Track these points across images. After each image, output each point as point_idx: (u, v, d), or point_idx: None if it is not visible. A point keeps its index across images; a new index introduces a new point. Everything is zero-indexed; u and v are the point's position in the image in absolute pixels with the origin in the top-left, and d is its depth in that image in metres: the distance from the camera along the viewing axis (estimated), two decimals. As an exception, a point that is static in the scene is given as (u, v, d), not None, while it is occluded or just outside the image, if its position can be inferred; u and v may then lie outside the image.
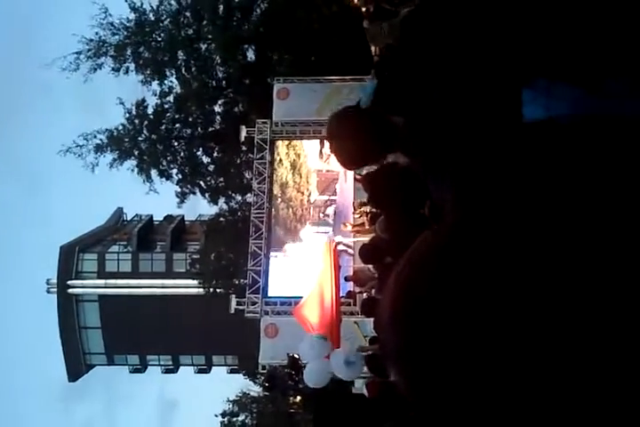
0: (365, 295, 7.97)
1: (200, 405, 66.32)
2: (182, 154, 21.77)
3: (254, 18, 19.76)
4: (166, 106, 21.53)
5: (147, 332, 29.21)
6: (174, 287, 29.24)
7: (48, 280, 31.78)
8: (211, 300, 22.36)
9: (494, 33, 1.86)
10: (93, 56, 20.55)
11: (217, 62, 20.60)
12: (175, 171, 21.84)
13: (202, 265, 22.58)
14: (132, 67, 20.69)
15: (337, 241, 12.67)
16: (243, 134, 17.56)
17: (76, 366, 31.64)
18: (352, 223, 14.48)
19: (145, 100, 21.55)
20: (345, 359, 7.63)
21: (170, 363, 32.39)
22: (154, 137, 21.33)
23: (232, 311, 17.09)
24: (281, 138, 17.50)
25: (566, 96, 1.74)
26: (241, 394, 25.40)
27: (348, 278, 10.97)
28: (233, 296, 17.49)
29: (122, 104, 21.24)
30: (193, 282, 24.87)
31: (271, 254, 17.02)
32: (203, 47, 20.62)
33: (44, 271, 32.52)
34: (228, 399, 25.50)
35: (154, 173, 21.49)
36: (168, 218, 32.81)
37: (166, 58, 20.47)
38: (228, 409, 25.59)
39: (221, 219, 22.01)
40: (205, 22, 20.01)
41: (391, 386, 5.64)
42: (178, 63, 20.74)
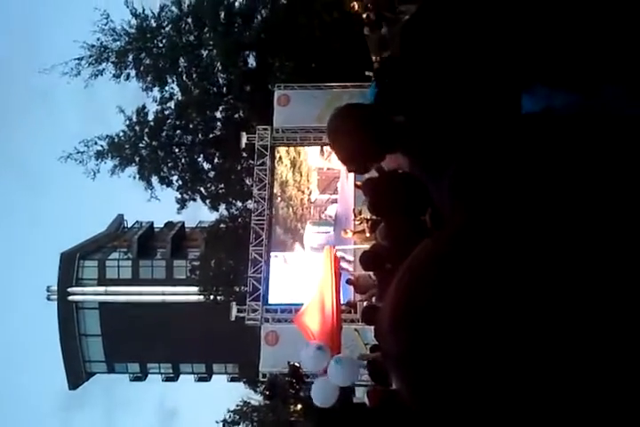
0: (366, 303, 7.92)
1: (200, 413, 66.13)
2: (183, 160, 21.79)
3: (255, 24, 19.80)
4: (167, 112, 21.57)
5: (147, 339, 29.13)
6: (175, 295, 29.18)
7: (48, 287, 31.77)
8: (211, 307, 22.31)
9: (494, 39, 1.87)
10: (95, 62, 20.61)
11: (218, 69, 20.64)
12: (176, 177, 21.86)
13: (202, 272, 22.54)
14: (133, 73, 20.75)
15: (337, 249, 12.66)
16: (243, 141, 17.58)
17: (77, 373, 31.56)
18: (352, 230, 14.44)
19: (145, 106, 21.61)
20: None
21: (170, 371, 32.29)
22: (154, 144, 21.35)
23: (233, 319, 17.05)
24: (281, 144, 17.51)
25: (565, 102, 1.72)
26: (241, 403, 25.27)
27: (350, 282, 10.93)
28: (233, 304, 17.45)
29: (122, 112, 21.30)
30: (193, 289, 24.83)
31: (271, 255, 16.95)
32: (204, 54, 20.67)
33: (45, 278, 32.58)
34: (229, 409, 25.37)
35: (154, 180, 21.52)
36: (168, 225, 32.80)
37: (167, 64, 20.51)
38: (229, 417, 25.45)
39: (222, 225, 21.99)
40: (207, 29, 20.06)
41: (393, 394, 5.60)
42: (179, 70, 20.79)
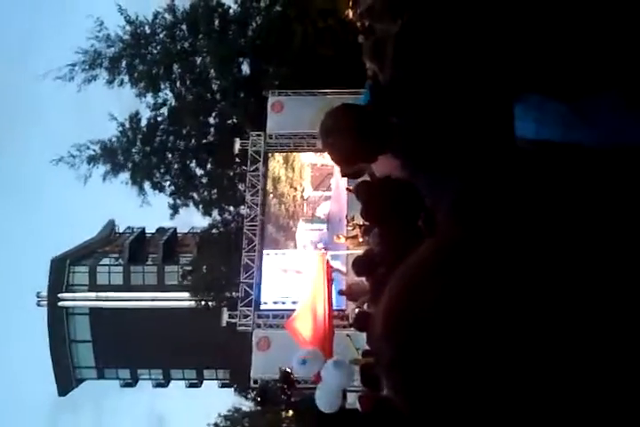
0: (358, 310, 7.94)
1: (191, 419, 65.74)
2: (176, 166, 21.78)
3: (250, 31, 19.85)
4: (160, 118, 21.57)
5: (138, 345, 28.98)
6: (166, 300, 29.07)
7: (38, 293, 31.56)
8: (202, 313, 22.25)
9: (486, 49, 1.89)
10: (88, 68, 20.61)
11: (212, 75, 20.68)
12: (168, 183, 21.84)
13: (193, 277, 22.50)
14: (127, 79, 20.75)
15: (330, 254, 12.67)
16: (237, 147, 17.62)
17: (66, 379, 31.33)
18: (345, 235, 14.48)
19: (139, 112, 21.60)
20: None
21: (161, 377, 32.12)
22: (147, 149, 21.33)
23: (224, 324, 17.02)
24: (275, 150, 17.54)
25: (554, 111, 1.79)
26: (232, 409, 25.18)
27: (342, 293, 10.94)
28: (225, 309, 17.43)
29: (114, 119, 21.29)
30: (185, 295, 24.75)
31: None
32: (198, 60, 20.70)
33: (35, 284, 32.30)
34: (220, 414, 25.27)
35: (147, 186, 21.49)
36: (160, 230, 32.71)
37: (161, 71, 20.53)
38: (220, 422, 25.35)
39: (214, 230, 21.97)
40: (201, 36, 20.10)
41: (385, 400, 5.60)
42: (172, 76, 20.81)
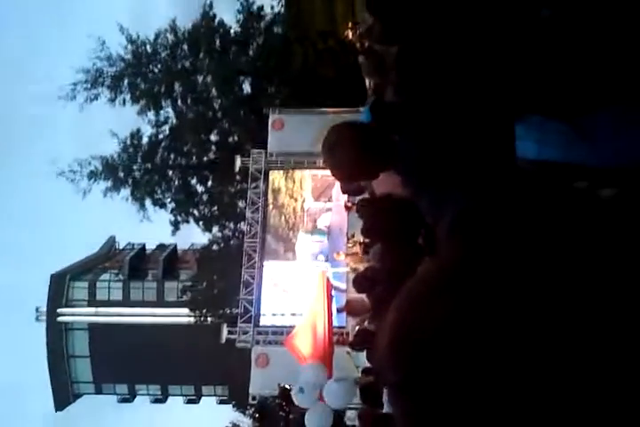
0: (358, 327, 7.93)
1: (188, 436, 64.86)
2: (177, 183, 21.87)
3: (251, 51, 20.06)
4: (161, 136, 21.71)
5: (136, 361, 28.82)
6: (165, 316, 28.98)
7: (38, 308, 31.48)
8: (201, 329, 22.20)
9: (488, 71, 1.92)
10: (90, 86, 20.80)
11: (213, 94, 20.85)
12: (169, 200, 21.93)
13: (193, 294, 22.49)
14: (128, 97, 20.94)
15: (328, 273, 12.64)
16: (237, 164, 17.68)
17: (64, 395, 31.10)
18: (345, 252, 14.51)
19: (140, 130, 21.76)
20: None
21: (159, 393, 31.92)
22: (149, 166, 21.46)
23: (223, 341, 16.99)
24: (275, 168, 17.63)
25: (555, 131, 1.85)
26: (230, 425, 25.03)
27: (341, 310, 10.92)
28: (224, 325, 17.38)
29: (115, 135, 21.45)
30: (184, 311, 24.71)
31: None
32: (199, 79, 20.88)
33: (34, 299, 32.21)
34: (218, 432, 25.08)
35: (148, 202, 21.59)
36: (160, 247, 32.72)
37: (162, 89, 20.71)
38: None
39: (214, 247, 22.01)
40: (202, 55, 20.31)
41: (385, 418, 5.61)
42: (174, 94, 20.98)
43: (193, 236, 26.44)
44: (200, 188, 22.20)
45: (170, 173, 21.73)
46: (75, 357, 30.58)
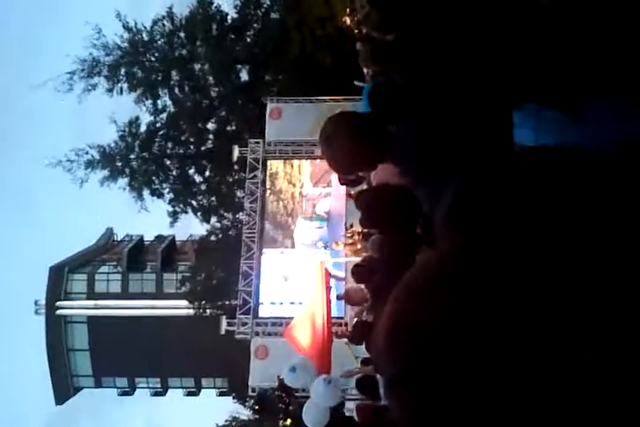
0: (356, 319, 7.88)
1: (189, 428, 65.38)
2: (174, 173, 21.78)
3: (248, 39, 19.91)
4: (159, 124, 21.59)
5: (135, 354, 28.87)
6: (164, 308, 29.00)
7: (36, 301, 31.50)
8: (201, 321, 22.18)
9: (486, 59, 1.94)
10: (87, 76, 20.65)
11: (210, 82, 20.72)
12: (167, 190, 21.84)
13: (192, 285, 22.44)
14: (126, 86, 20.79)
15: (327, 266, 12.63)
16: (235, 154, 17.60)
17: (64, 388, 31.20)
18: (344, 242, 14.45)
19: (138, 118, 21.64)
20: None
21: (158, 385, 32.00)
22: (146, 155, 21.36)
23: (222, 333, 16.94)
24: (273, 157, 17.52)
25: (551, 119, 1.83)
26: (230, 418, 25.04)
27: (340, 297, 10.89)
28: (223, 317, 17.35)
29: (114, 122, 21.33)
30: (183, 303, 24.69)
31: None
32: (196, 67, 20.75)
33: (33, 292, 32.23)
34: (217, 425, 25.12)
35: (146, 192, 21.48)
36: (159, 238, 32.68)
37: (160, 77, 20.58)
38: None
39: (213, 238, 21.93)
40: (199, 43, 20.16)
41: (383, 410, 5.56)
42: (171, 83, 20.86)
43: (191, 227, 26.42)
44: (198, 178, 22.14)
45: (167, 163, 21.63)
46: (74, 350, 30.63)
